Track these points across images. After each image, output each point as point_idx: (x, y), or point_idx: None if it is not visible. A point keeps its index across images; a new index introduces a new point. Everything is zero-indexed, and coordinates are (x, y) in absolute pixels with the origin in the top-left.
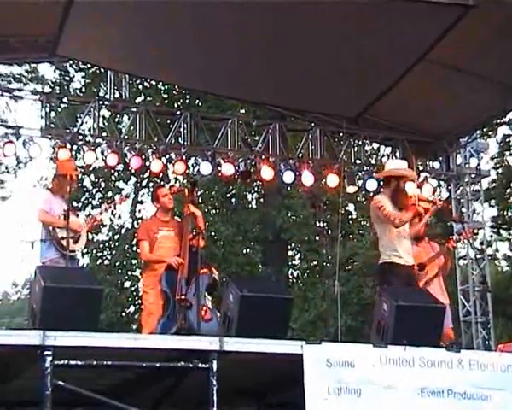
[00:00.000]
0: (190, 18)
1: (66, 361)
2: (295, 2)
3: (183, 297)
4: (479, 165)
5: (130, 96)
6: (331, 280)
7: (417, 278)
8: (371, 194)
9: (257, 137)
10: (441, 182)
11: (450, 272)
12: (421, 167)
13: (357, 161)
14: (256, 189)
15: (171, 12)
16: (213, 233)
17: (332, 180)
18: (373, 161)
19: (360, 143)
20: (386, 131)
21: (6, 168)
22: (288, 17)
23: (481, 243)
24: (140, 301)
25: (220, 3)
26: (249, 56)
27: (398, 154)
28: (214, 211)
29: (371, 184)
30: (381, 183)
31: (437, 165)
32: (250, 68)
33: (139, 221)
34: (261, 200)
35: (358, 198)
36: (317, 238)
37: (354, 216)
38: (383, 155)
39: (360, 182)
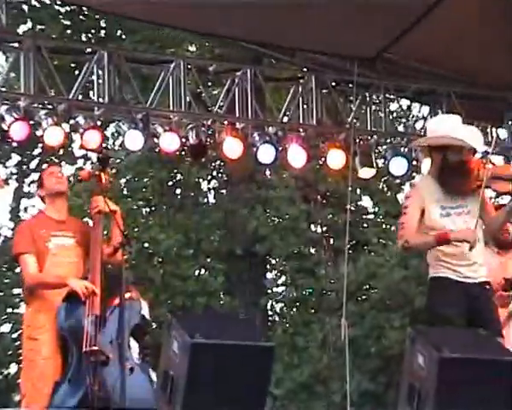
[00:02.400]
0: None
1: None
2: None
3: (95, 348)
4: None
5: (9, 22)
6: (335, 318)
7: (494, 304)
8: (399, 180)
9: (216, 91)
10: None
11: None
12: None
13: (377, 129)
14: (215, 173)
15: None
16: (147, 244)
17: (336, 159)
18: (401, 128)
19: (381, 99)
20: (422, 80)
21: None
22: None
23: None
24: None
25: None
26: None
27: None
28: (148, 209)
29: (398, 164)
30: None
31: (504, 134)
32: None
33: None
34: (223, 191)
35: (379, 187)
36: (313, 251)
37: (371, 216)
38: (417, 119)
39: (381, 161)
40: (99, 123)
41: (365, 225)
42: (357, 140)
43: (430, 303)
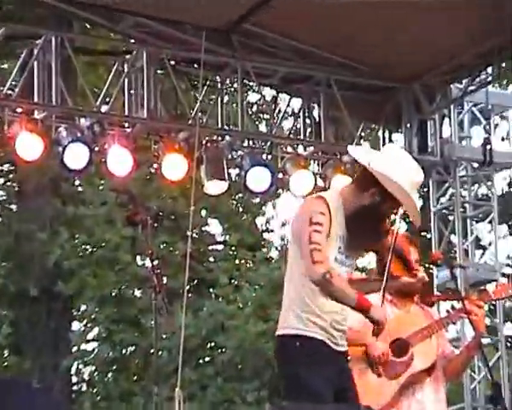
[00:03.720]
0: None
1: None
2: None
3: None
4: (488, 142)
5: None
6: (166, 388)
7: (352, 377)
8: (258, 199)
9: (5, 65)
10: None
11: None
12: (366, 144)
13: (231, 128)
14: (2, 181)
15: None
16: None
17: (174, 167)
18: (263, 128)
19: (237, 87)
20: (294, 62)
21: None
22: None
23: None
24: None
25: None
26: None
27: (317, 112)
28: None
29: (259, 177)
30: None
31: (400, 139)
32: None
33: None
34: (13, 206)
35: (232, 207)
36: (139, 293)
37: (221, 247)
38: (285, 117)
39: (235, 172)
40: None
41: (212, 258)
42: (204, 142)
43: (293, 370)
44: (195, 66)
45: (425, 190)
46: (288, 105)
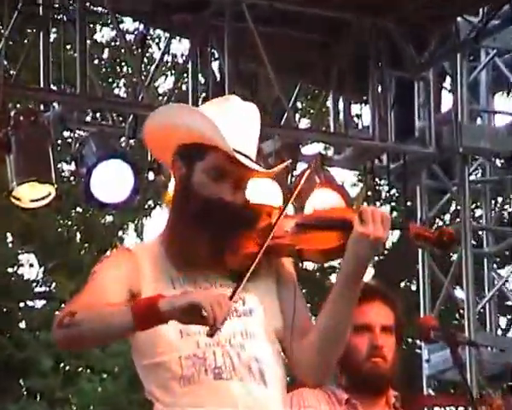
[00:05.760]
0: None
1: None
2: None
3: None
4: None
5: None
6: None
7: None
8: (112, 214)
9: None
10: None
11: None
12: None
13: (61, 89)
14: None
15: None
16: None
17: None
18: (121, 92)
19: (74, 16)
20: None
21: None
22: None
23: None
24: None
25: None
26: None
27: (218, 63)
28: None
29: (114, 177)
30: None
31: (365, 114)
32: None
33: None
34: None
35: (64, 229)
36: None
37: (40, 303)
38: (161, 69)
39: (70, 168)
40: None
41: (25, 324)
42: (13, 114)
43: None
44: None
45: (408, 203)
46: (167, 51)
